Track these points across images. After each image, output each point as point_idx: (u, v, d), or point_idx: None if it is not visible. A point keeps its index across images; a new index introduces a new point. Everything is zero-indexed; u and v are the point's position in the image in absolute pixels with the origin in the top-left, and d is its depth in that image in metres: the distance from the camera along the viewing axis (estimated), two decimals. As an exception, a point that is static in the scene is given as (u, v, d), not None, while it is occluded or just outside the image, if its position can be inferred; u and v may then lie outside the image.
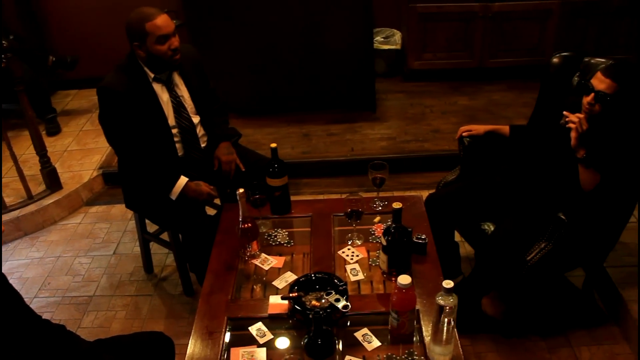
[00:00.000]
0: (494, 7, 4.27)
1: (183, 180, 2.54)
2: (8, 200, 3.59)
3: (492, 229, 2.49)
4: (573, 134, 2.19)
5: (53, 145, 4.15)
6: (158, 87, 2.55)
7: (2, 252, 3.42)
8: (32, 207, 3.57)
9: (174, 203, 2.57)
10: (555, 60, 2.69)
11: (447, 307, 1.69)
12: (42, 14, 4.86)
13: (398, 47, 4.76)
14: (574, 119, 2.18)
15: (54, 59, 4.45)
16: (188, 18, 4.15)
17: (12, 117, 4.29)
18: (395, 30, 4.88)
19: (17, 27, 4.60)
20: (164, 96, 2.57)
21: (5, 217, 3.50)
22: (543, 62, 4.29)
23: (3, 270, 3.22)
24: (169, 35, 2.43)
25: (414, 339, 1.88)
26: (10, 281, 3.15)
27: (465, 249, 2.93)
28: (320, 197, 3.57)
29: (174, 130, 2.61)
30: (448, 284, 1.68)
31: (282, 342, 1.90)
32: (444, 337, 1.75)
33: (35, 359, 1.72)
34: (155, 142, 2.58)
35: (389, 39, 4.82)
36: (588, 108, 2.21)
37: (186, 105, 2.63)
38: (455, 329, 1.77)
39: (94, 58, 4.72)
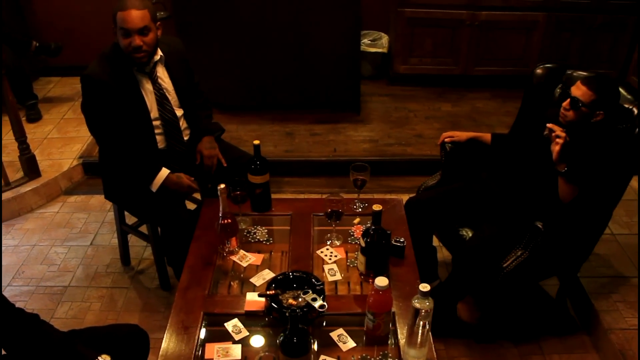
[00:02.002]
0: (481, 16, 4.32)
1: (165, 172, 2.53)
2: (-16, 186, 3.54)
3: (470, 234, 2.51)
4: (556, 148, 2.22)
5: (33, 132, 4.09)
6: (141, 78, 2.53)
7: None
8: (8, 194, 3.52)
9: (154, 196, 2.56)
10: (538, 71, 2.73)
11: (423, 311, 1.71)
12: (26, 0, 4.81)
13: (385, 50, 4.78)
14: (560, 134, 2.21)
15: (37, 44, 4.39)
16: (175, 10, 4.13)
17: (-9, 101, 4.23)
18: (382, 34, 4.90)
19: (1, 11, 4.53)
20: (147, 87, 2.55)
21: (-20, 203, 3.45)
22: (527, 72, 4.31)
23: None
24: (129, 31, 2.37)
25: (389, 341, 1.89)
26: (-16, 268, 3.13)
27: (443, 253, 2.96)
28: (301, 196, 3.58)
29: (157, 122, 2.59)
30: (424, 287, 1.70)
31: (258, 340, 1.90)
32: (419, 340, 1.76)
33: (9, 348, 1.70)
34: (136, 133, 2.56)
35: (376, 42, 4.84)
36: (563, 113, 2.28)
37: (170, 98, 2.61)
38: (430, 333, 1.79)
39: (79, 45, 4.67)
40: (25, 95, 4.30)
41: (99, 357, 1.75)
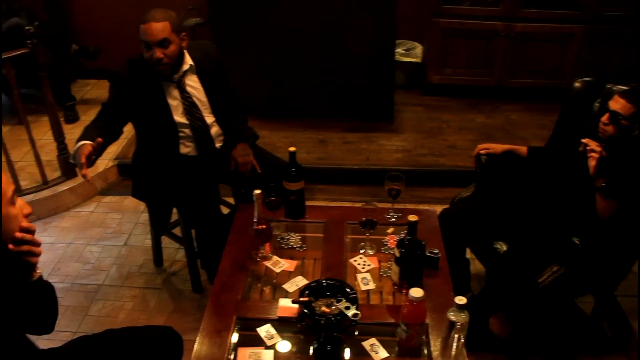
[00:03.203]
0: (516, 27, 4.28)
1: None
2: (23, 183, 3.62)
3: (505, 248, 2.49)
4: (592, 163, 2.19)
5: (70, 132, 4.16)
6: (169, 87, 2.55)
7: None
8: (46, 193, 3.60)
9: (190, 199, 2.59)
10: (577, 84, 2.70)
11: (459, 324, 1.70)
12: (68, 3, 4.91)
13: (419, 60, 4.77)
14: (595, 148, 2.18)
15: (76, 47, 4.49)
16: (211, 16, 4.18)
17: (31, 102, 4.32)
18: (416, 43, 4.89)
19: (43, 14, 4.64)
20: (175, 96, 2.57)
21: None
22: (562, 85, 4.31)
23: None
24: (149, 44, 2.40)
25: (422, 352, 1.88)
26: (21, 265, 3.19)
27: (475, 266, 2.93)
28: (333, 204, 3.58)
29: (187, 130, 2.61)
30: (461, 300, 1.69)
31: (289, 346, 1.91)
32: (453, 353, 1.76)
33: None
34: (157, 138, 2.61)
35: (410, 52, 4.83)
36: (602, 128, 2.24)
37: (199, 105, 2.62)
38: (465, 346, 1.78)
39: (116, 49, 4.71)
40: (63, 97, 4.39)
41: None
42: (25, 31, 3.28)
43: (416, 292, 1.76)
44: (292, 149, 2.39)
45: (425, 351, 1.88)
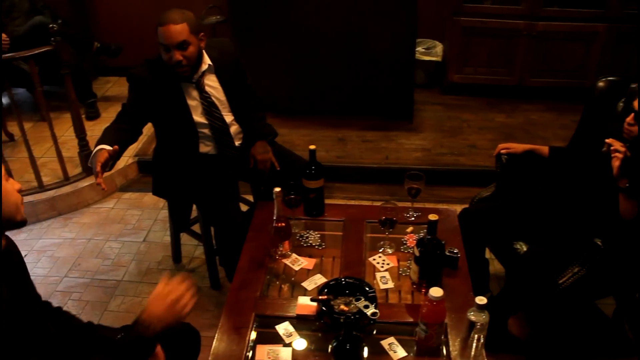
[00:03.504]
0: (538, 26, 4.23)
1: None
2: (45, 179, 3.66)
3: (525, 248, 2.46)
4: (616, 163, 2.16)
5: (92, 129, 4.20)
6: (188, 88, 2.55)
7: (37, 230, 3.49)
8: (67, 188, 3.65)
9: (209, 197, 2.60)
10: (601, 84, 2.66)
11: (479, 324, 1.69)
12: (91, 1, 4.96)
13: (439, 59, 4.74)
14: (619, 148, 2.15)
15: (98, 45, 4.53)
16: (232, 14, 4.19)
17: (53, 99, 4.38)
18: (437, 42, 4.86)
19: (66, 12, 4.70)
20: (194, 96, 2.57)
21: (40, 196, 3.58)
22: (584, 84, 4.27)
23: (36, 248, 3.33)
24: (168, 46, 2.39)
25: (441, 352, 1.87)
26: (42, 259, 3.26)
27: (494, 266, 2.90)
28: (352, 202, 3.58)
29: (206, 130, 2.62)
30: (481, 300, 1.68)
31: (305, 344, 1.91)
32: (472, 353, 1.74)
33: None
34: (177, 138, 2.62)
35: (430, 50, 4.81)
36: (627, 128, 2.21)
37: (218, 104, 2.62)
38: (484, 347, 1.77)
39: (137, 48, 4.75)
40: (85, 94, 4.44)
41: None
42: (49, 29, 3.32)
43: (436, 292, 1.75)
44: (312, 147, 2.39)
45: (444, 351, 1.87)
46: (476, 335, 1.71)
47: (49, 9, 4.45)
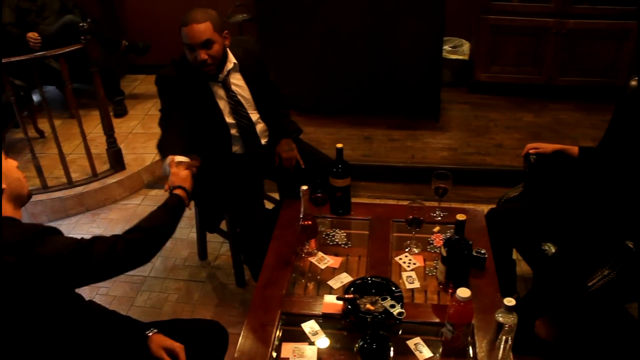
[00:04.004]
0: (568, 24, 4.17)
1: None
2: (74, 175, 3.72)
3: (553, 250, 2.43)
4: None
5: (119, 126, 4.26)
6: (214, 87, 2.56)
7: (65, 225, 3.54)
8: (95, 185, 3.70)
9: (235, 196, 2.60)
10: (633, 82, 2.60)
11: (507, 325, 1.67)
12: (119, 1, 5.02)
13: (466, 57, 4.70)
14: None
15: (126, 43, 4.58)
16: (258, 12, 4.21)
17: (82, 96, 4.44)
18: (464, 40, 4.82)
19: (95, 11, 4.76)
20: (220, 95, 2.57)
21: (69, 192, 3.63)
22: (615, 83, 4.20)
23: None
24: (192, 46, 2.39)
25: (467, 353, 1.86)
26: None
27: (521, 268, 2.87)
28: (378, 201, 3.56)
29: (233, 130, 2.62)
30: (510, 302, 1.66)
31: (328, 342, 1.91)
32: (500, 355, 1.73)
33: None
34: (208, 138, 2.61)
35: (457, 49, 4.77)
36: None
37: (244, 103, 2.62)
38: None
39: (164, 46, 4.80)
40: (113, 92, 4.49)
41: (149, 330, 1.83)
42: (79, 28, 3.36)
43: (464, 292, 1.73)
44: (339, 145, 2.39)
45: (471, 352, 1.85)
46: (504, 337, 1.69)
47: (79, 8, 4.52)
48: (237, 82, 2.62)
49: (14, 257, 1.46)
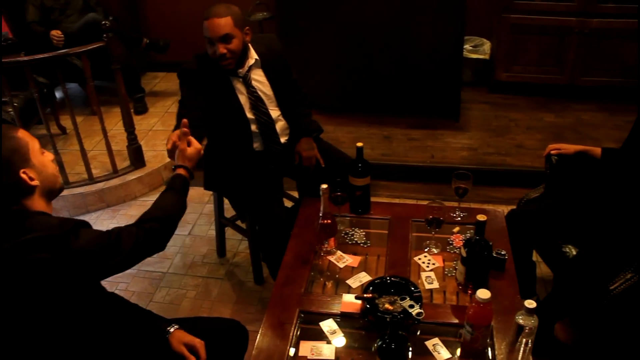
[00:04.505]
0: (592, 24, 4.12)
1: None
2: (95, 172, 3.76)
3: (574, 252, 2.40)
4: None
5: (139, 123, 4.29)
6: (235, 82, 2.57)
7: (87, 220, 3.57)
8: (116, 181, 3.73)
9: (253, 193, 2.61)
10: (657, 83, 2.57)
11: (527, 328, 1.66)
12: (141, -2, 5.08)
13: (486, 57, 4.66)
14: None
15: (147, 41, 4.62)
16: (279, 10, 4.21)
17: (103, 93, 4.48)
18: (484, 40, 4.78)
19: (117, 9, 4.80)
20: (241, 91, 2.58)
21: (90, 188, 3.67)
22: (638, 84, 4.13)
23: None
24: (212, 39, 2.41)
25: (486, 355, 1.84)
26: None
27: (541, 270, 2.84)
28: (397, 200, 3.55)
29: (253, 127, 2.63)
30: (531, 304, 1.65)
31: (344, 341, 1.90)
32: (519, 358, 1.71)
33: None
34: (229, 134, 2.63)
35: (477, 48, 4.73)
36: None
37: (265, 99, 2.63)
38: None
39: (184, 44, 4.84)
40: (133, 89, 4.52)
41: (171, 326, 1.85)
42: (101, 26, 3.39)
43: (483, 294, 1.72)
44: (359, 144, 2.38)
45: (490, 354, 1.84)
46: (524, 340, 1.68)
47: (102, 6, 4.57)
48: (258, 78, 2.63)
49: (50, 253, 1.48)
